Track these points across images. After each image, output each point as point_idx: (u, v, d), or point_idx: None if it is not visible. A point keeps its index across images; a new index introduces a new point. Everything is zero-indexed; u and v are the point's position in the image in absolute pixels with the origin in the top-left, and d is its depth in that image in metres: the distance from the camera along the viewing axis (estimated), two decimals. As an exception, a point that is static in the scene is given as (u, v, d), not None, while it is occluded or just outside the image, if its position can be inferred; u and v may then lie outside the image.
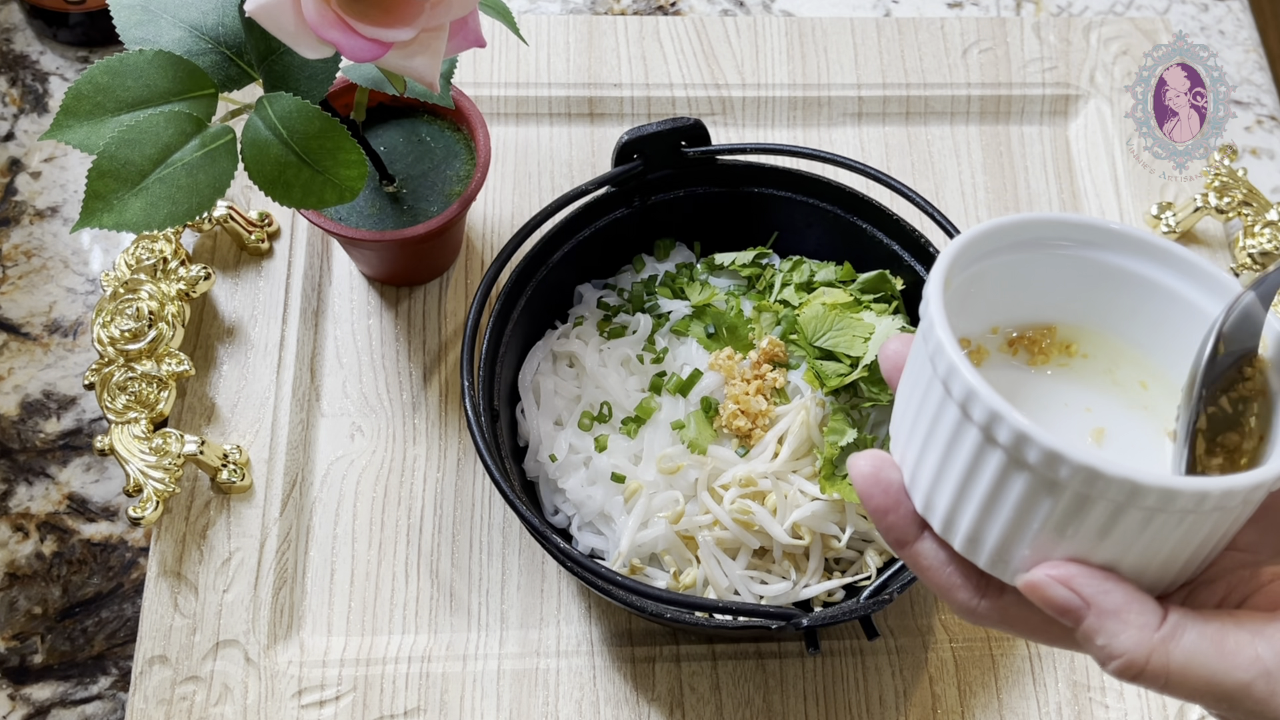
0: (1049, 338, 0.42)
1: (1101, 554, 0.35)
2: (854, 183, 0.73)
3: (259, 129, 0.54)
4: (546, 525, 0.60)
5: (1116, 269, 0.40)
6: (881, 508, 0.39)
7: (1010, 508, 0.35)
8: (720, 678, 0.65)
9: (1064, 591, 0.35)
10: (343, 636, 0.66)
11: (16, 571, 0.68)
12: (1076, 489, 0.33)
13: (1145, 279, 0.40)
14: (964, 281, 0.39)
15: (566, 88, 0.82)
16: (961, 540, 0.37)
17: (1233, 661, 0.34)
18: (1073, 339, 0.42)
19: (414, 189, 0.69)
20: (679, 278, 0.71)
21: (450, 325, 0.75)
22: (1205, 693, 0.34)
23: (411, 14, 0.50)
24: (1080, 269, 0.41)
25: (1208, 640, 0.34)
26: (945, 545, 0.38)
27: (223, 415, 0.71)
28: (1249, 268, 0.76)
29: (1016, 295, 0.41)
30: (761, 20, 0.86)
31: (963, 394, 0.34)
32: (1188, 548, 0.35)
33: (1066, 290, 0.41)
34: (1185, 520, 0.34)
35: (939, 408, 0.36)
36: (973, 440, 0.35)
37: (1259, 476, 0.33)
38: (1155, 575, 0.36)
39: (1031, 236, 0.40)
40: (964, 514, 0.36)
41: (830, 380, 0.65)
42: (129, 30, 0.55)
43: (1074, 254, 0.41)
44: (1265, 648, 0.34)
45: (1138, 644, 0.34)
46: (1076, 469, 0.32)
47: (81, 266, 0.77)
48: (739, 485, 0.63)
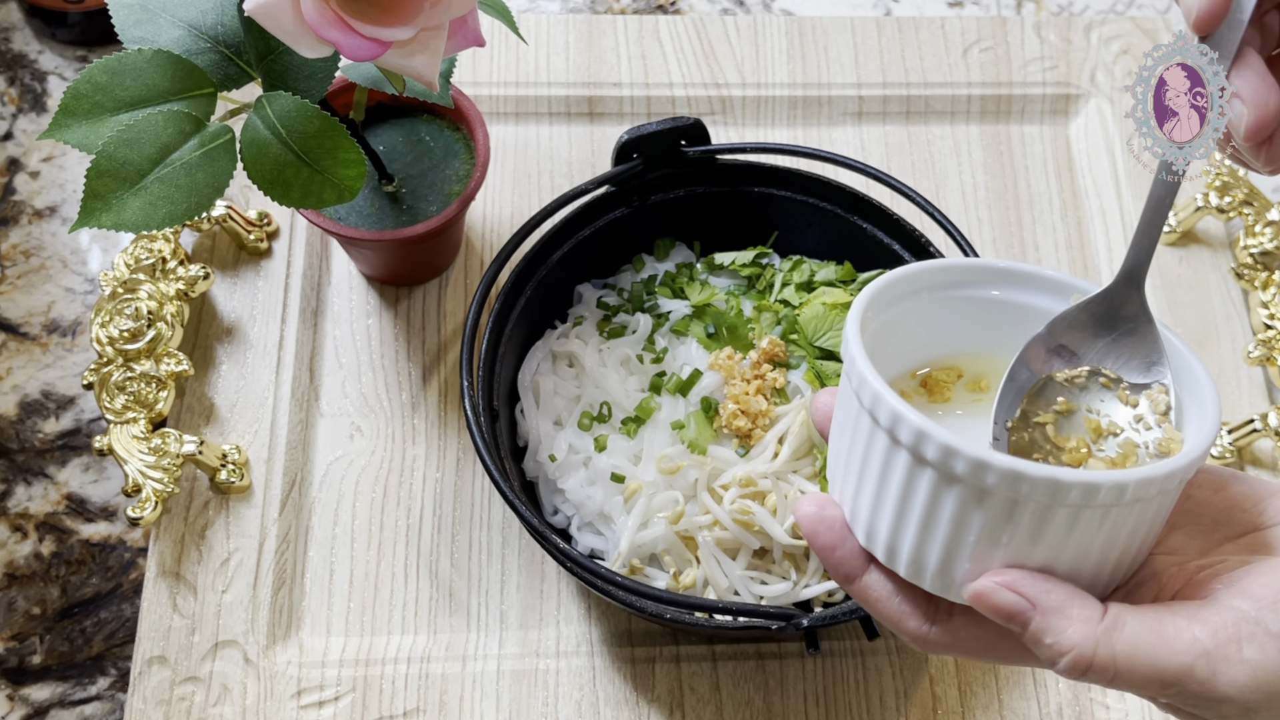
0: (957, 376, 0.44)
1: (1037, 557, 0.36)
2: (854, 182, 0.73)
3: (258, 128, 0.54)
4: (546, 525, 0.60)
5: (1004, 303, 0.43)
6: (828, 545, 0.40)
7: (946, 523, 0.37)
8: (720, 678, 0.65)
9: (1009, 595, 0.36)
10: (342, 637, 0.66)
11: (15, 572, 0.68)
12: (1005, 494, 0.35)
13: (1027, 306, 0.43)
14: (878, 328, 0.42)
15: (566, 87, 0.82)
16: (905, 565, 0.39)
17: (1173, 646, 0.35)
18: (982, 374, 0.44)
19: (413, 188, 0.69)
20: (679, 277, 0.71)
21: (449, 325, 0.75)
22: (1151, 680, 0.35)
23: (411, 13, 0.50)
24: (977, 308, 0.43)
25: (1148, 628, 0.35)
26: (891, 576, 0.40)
27: (222, 415, 0.70)
28: (1250, 267, 0.76)
29: (926, 339, 0.44)
30: (761, 19, 0.86)
31: (890, 419, 0.36)
32: (1116, 543, 0.37)
33: (968, 329, 0.44)
34: (1110, 515, 0.35)
35: (869, 439, 0.38)
36: (903, 464, 0.37)
37: (1172, 465, 0.35)
38: (1091, 574, 0.37)
39: (930, 283, 0.43)
40: (904, 538, 0.38)
41: (830, 380, 0.65)
42: (128, 29, 0.55)
43: (968, 294, 0.43)
44: (1201, 630, 0.35)
45: (1084, 637, 0.35)
46: (1002, 474, 0.34)
47: (80, 266, 0.77)
48: (739, 485, 0.63)
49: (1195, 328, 0.76)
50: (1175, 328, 0.76)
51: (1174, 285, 0.78)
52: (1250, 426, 0.70)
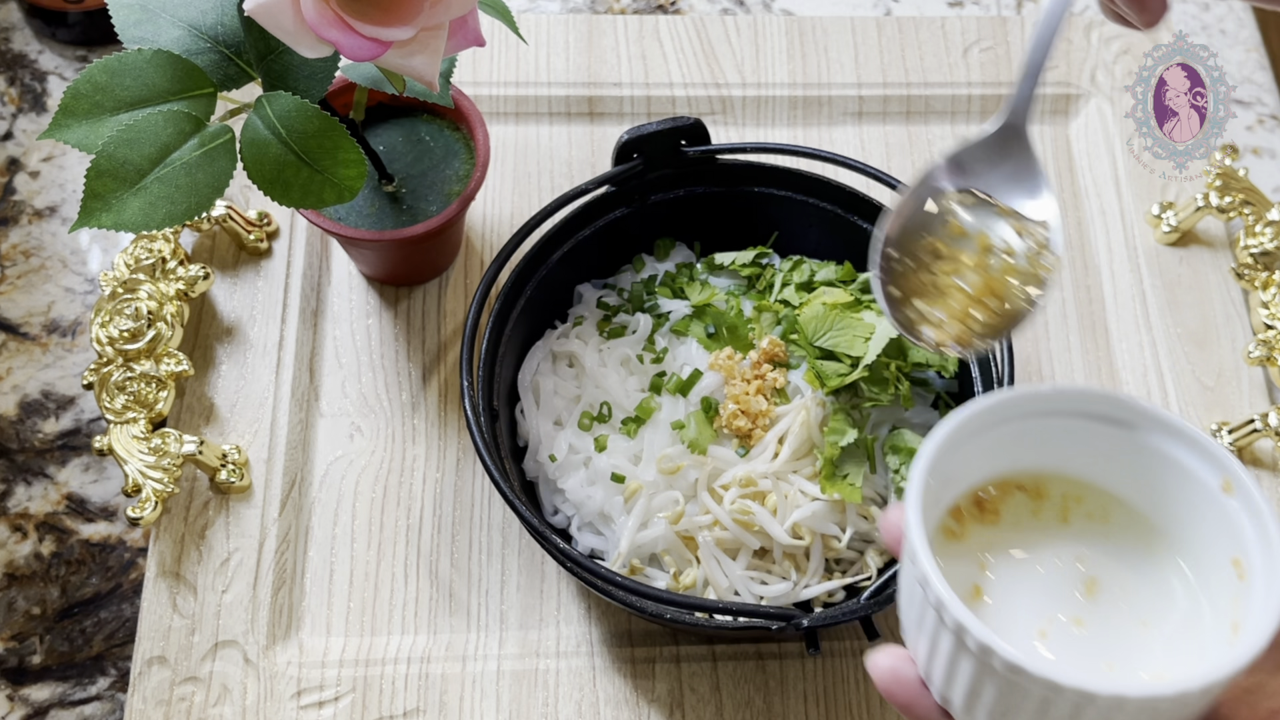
0: (1016, 489, 0.44)
1: None
2: (854, 182, 0.73)
3: (258, 128, 0.54)
4: (546, 525, 0.60)
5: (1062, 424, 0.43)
6: (905, 704, 0.41)
7: (992, 703, 0.38)
8: (720, 678, 0.65)
9: None
10: (342, 637, 0.66)
11: (15, 572, 0.68)
12: (1039, 694, 0.36)
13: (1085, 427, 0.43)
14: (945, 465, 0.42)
15: (566, 87, 0.82)
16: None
17: None
18: (1042, 484, 0.45)
19: (413, 188, 0.69)
20: (679, 277, 0.71)
21: (450, 325, 0.75)
22: None
23: (411, 13, 0.50)
24: (1038, 430, 0.43)
25: None
26: None
27: (221, 415, 0.70)
28: (1250, 267, 0.76)
29: (985, 464, 0.44)
30: (761, 19, 0.86)
31: (936, 602, 0.37)
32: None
33: (1028, 449, 0.44)
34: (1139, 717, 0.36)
35: (923, 607, 0.39)
36: (950, 642, 0.38)
37: (1209, 677, 0.35)
38: None
39: (987, 421, 0.43)
40: (978, 711, 0.39)
41: (830, 380, 0.65)
42: (128, 29, 0.55)
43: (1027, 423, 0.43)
44: None
45: None
46: (1036, 680, 0.35)
47: (80, 266, 0.77)
48: (739, 485, 0.63)
49: (1195, 328, 0.76)
50: (1175, 328, 0.76)
51: (1174, 285, 0.78)
52: (1250, 426, 0.70)
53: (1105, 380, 0.75)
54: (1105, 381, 0.75)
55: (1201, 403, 0.74)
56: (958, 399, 0.68)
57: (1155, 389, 0.74)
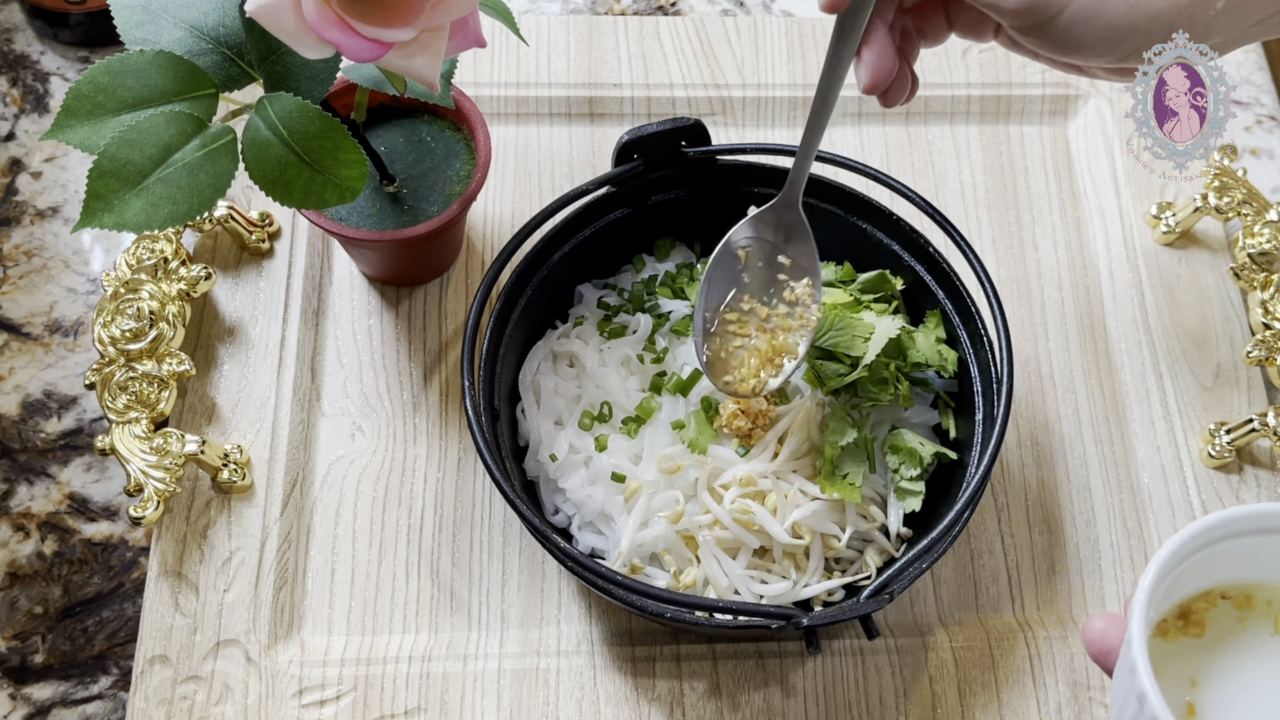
0: (1220, 598, 0.46)
1: None
2: (854, 183, 0.73)
3: (259, 129, 0.54)
4: (547, 525, 0.60)
5: None
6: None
7: None
8: (720, 678, 0.65)
9: None
10: (343, 636, 0.66)
11: (17, 571, 0.68)
12: None
13: None
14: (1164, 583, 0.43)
15: (566, 88, 0.83)
16: None
17: None
18: (1249, 593, 0.45)
19: (414, 189, 0.69)
20: (679, 278, 0.71)
21: (450, 325, 0.75)
22: None
23: (412, 14, 0.50)
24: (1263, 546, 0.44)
25: None
26: None
27: (223, 415, 0.71)
28: (1248, 267, 0.76)
29: (1198, 578, 0.45)
30: (761, 20, 0.86)
31: None
32: None
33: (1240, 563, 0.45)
34: None
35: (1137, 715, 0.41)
36: None
37: None
38: None
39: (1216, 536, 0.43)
40: None
41: (830, 380, 0.65)
42: (130, 30, 0.55)
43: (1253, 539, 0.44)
44: None
45: None
46: None
47: (82, 266, 0.77)
48: (739, 485, 0.63)
49: (1194, 328, 0.77)
50: (1174, 328, 0.76)
51: (1173, 285, 0.78)
52: (1249, 426, 0.71)
53: (1104, 380, 0.75)
54: (1104, 381, 0.75)
55: (1200, 403, 0.74)
56: (957, 399, 0.68)
57: (1154, 389, 0.75)
